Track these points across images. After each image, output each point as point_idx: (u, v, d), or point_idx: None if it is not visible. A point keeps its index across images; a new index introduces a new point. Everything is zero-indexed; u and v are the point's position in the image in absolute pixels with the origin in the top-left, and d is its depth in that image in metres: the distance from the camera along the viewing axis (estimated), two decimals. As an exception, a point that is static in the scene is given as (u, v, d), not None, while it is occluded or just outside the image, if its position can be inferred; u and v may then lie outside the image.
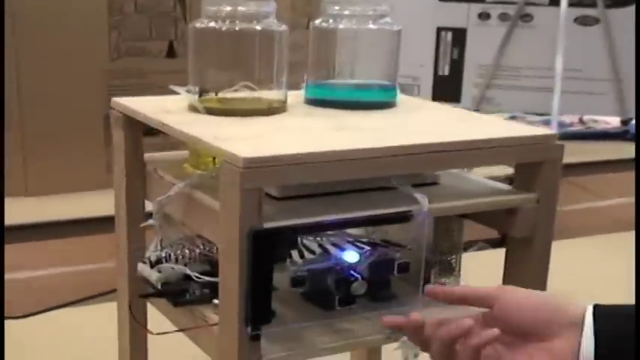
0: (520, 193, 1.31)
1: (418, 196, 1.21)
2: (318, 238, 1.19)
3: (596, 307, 1.00)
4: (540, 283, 1.30)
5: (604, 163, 4.14)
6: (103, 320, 1.78)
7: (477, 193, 1.32)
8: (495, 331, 1.01)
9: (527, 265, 1.32)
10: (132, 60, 3.42)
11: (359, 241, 1.21)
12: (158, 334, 1.28)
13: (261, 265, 1.09)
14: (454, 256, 1.41)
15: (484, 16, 4.95)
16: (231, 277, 1.12)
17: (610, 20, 4.76)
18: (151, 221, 1.32)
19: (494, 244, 2.69)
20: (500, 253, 1.36)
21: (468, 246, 2.65)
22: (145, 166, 1.41)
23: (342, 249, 1.18)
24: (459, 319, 1.05)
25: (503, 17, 4.89)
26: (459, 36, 4.92)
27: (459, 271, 1.41)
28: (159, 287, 1.33)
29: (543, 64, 4.69)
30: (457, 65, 4.93)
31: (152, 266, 1.36)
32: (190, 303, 1.30)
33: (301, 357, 1.19)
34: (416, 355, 1.18)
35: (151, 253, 1.38)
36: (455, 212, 1.27)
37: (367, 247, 1.19)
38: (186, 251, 1.37)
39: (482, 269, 1.41)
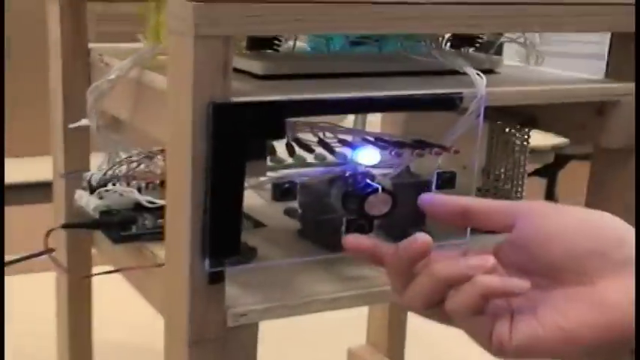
0: (616, 81, 0.89)
1: (470, 70, 0.80)
2: (320, 133, 0.78)
3: None
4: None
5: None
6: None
7: (552, 81, 0.92)
8: (524, 284, 0.61)
9: (621, 193, 0.91)
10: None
11: (380, 139, 0.80)
12: (86, 277, 0.88)
13: (226, 161, 0.69)
14: (514, 182, 1.00)
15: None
16: (180, 183, 0.72)
17: None
18: (84, 121, 0.92)
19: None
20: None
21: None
22: (88, 54, 1.01)
23: (354, 146, 0.78)
24: (481, 250, 0.66)
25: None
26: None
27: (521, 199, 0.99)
28: (97, 217, 0.93)
29: None
30: None
31: (92, 191, 0.95)
32: (137, 238, 0.90)
33: (287, 312, 0.79)
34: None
35: (93, 175, 0.98)
36: (524, 101, 0.86)
37: (392, 147, 0.78)
38: (142, 171, 0.97)
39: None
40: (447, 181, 0.82)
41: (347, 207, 0.77)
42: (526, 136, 0.99)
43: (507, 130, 0.98)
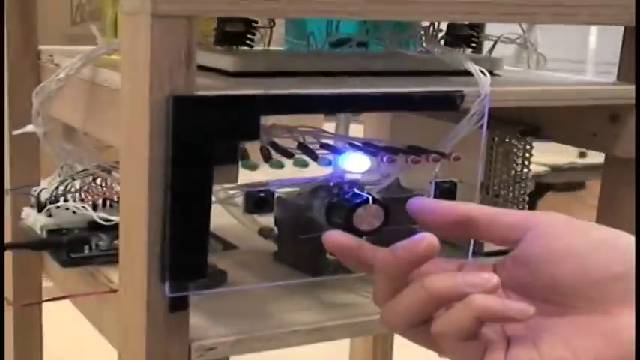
0: (630, 84, 0.79)
1: (472, 66, 0.70)
2: (300, 138, 0.68)
3: None
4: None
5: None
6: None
7: (560, 83, 0.82)
8: (528, 308, 0.52)
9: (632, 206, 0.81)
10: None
11: (369, 145, 0.69)
12: (27, 304, 0.77)
13: (190, 165, 0.58)
14: (515, 199, 0.89)
15: None
16: (135, 192, 0.61)
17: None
18: (29, 127, 0.81)
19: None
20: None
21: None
22: (38, 56, 0.90)
23: (339, 152, 0.67)
24: (480, 265, 0.59)
25: None
26: None
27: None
28: (44, 237, 0.82)
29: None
30: None
31: (41, 209, 0.84)
32: (89, 261, 0.79)
33: (262, 345, 0.67)
34: None
35: (42, 190, 0.87)
36: (533, 102, 0.76)
37: (384, 153, 0.67)
38: (98, 186, 0.86)
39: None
40: (446, 193, 0.71)
41: (332, 221, 0.66)
42: (528, 147, 0.89)
43: (508, 139, 0.88)
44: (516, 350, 0.52)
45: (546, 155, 1.84)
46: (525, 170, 0.89)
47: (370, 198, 0.65)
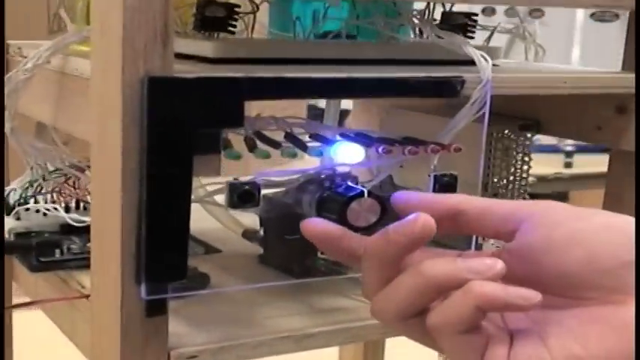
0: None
1: (473, 51, 0.65)
2: (288, 129, 0.62)
3: None
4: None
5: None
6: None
7: (563, 72, 0.77)
8: (534, 295, 0.47)
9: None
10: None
11: (362, 135, 0.64)
12: None
13: (168, 154, 0.53)
14: (515, 198, 0.84)
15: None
16: (107, 185, 0.56)
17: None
18: (-5, 122, 0.75)
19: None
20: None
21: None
22: (7, 50, 0.84)
23: (331, 142, 0.61)
24: (472, 254, 0.55)
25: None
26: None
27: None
28: (12, 240, 0.76)
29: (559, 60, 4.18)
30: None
31: (10, 211, 0.79)
32: (60, 265, 0.74)
33: (248, 353, 0.62)
34: None
35: (11, 191, 0.81)
36: (538, 90, 0.70)
37: (379, 143, 0.61)
38: (71, 186, 0.81)
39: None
40: (446, 187, 0.65)
41: (323, 216, 0.60)
42: (528, 142, 0.84)
43: (507, 133, 0.82)
44: (522, 346, 0.48)
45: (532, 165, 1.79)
46: (525, 167, 0.84)
47: (365, 191, 0.59)
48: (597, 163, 3.12)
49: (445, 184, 0.65)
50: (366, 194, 0.59)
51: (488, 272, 0.47)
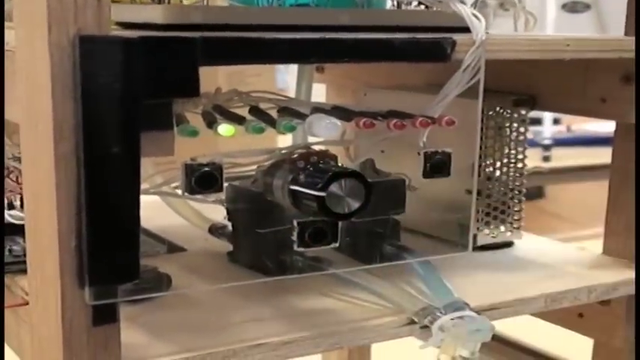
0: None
1: (463, 9, 0.56)
2: (253, 103, 0.53)
3: None
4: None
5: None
6: None
7: (558, 38, 0.69)
8: None
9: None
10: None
11: (338, 108, 0.55)
12: None
13: (109, 130, 0.44)
14: (511, 183, 0.76)
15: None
16: (39, 171, 0.47)
17: (601, 7, 4.23)
18: None
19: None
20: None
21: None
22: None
23: (302, 116, 0.53)
24: None
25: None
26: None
27: (519, 218, 0.76)
28: (-54, 244, 0.67)
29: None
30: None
31: (-52, 212, 0.70)
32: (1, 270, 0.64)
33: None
34: (473, 354, 0.53)
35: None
36: (531, 55, 0.62)
37: (359, 117, 0.53)
38: (13, 180, 0.72)
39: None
40: (438, 166, 0.57)
41: (298, 203, 0.52)
42: (523, 120, 0.76)
43: (500, 110, 0.74)
44: None
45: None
46: (521, 148, 0.76)
47: (347, 171, 0.50)
48: (575, 156, 3.06)
49: (437, 163, 0.57)
50: (347, 174, 0.50)
51: None
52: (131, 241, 0.48)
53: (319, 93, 0.91)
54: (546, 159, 3.03)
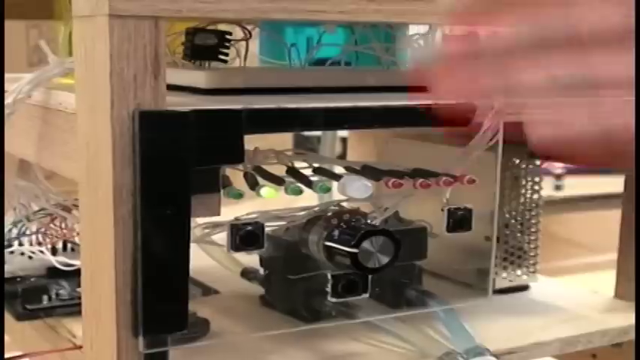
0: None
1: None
2: (289, 163, 0.58)
3: None
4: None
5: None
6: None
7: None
8: None
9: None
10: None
11: (369, 167, 0.59)
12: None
13: (163, 194, 0.48)
14: (527, 230, 0.80)
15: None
16: (98, 232, 0.51)
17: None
18: (-24, 162, 0.70)
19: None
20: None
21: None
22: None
23: (336, 177, 0.57)
24: None
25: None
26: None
27: (534, 262, 0.80)
28: (-4, 287, 0.71)
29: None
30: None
31: (-6, 254, 0.75)
32: (49, 313, 0.69)
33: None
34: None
35: (-4, 233, 0.77)
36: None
37: (388, 177, 0.57)
38: (58, 227, 0.76)
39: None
40: (460, 222, 0.61)
41: (332, 257, 0.56)
42: (537, 169, 0.80)
43: (516, 161, 0.78)
44: None
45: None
46: (536, 196, 0.80)
47: (378, 229, 0.55)
48: (587, 185, 3.08)
49: (460, 219, 0.61)
50: (378, 233, 0.55)
51: None
52: (181, 293, 0.52)
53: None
54: (558, 188, 3.05)
